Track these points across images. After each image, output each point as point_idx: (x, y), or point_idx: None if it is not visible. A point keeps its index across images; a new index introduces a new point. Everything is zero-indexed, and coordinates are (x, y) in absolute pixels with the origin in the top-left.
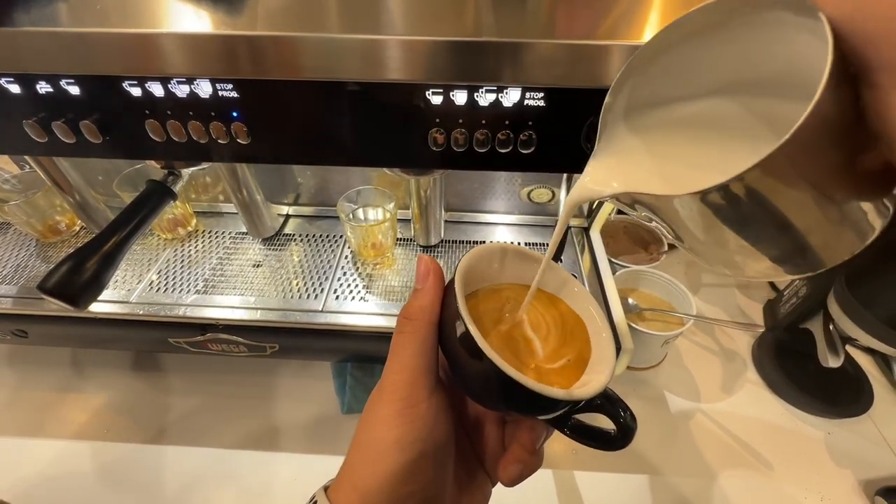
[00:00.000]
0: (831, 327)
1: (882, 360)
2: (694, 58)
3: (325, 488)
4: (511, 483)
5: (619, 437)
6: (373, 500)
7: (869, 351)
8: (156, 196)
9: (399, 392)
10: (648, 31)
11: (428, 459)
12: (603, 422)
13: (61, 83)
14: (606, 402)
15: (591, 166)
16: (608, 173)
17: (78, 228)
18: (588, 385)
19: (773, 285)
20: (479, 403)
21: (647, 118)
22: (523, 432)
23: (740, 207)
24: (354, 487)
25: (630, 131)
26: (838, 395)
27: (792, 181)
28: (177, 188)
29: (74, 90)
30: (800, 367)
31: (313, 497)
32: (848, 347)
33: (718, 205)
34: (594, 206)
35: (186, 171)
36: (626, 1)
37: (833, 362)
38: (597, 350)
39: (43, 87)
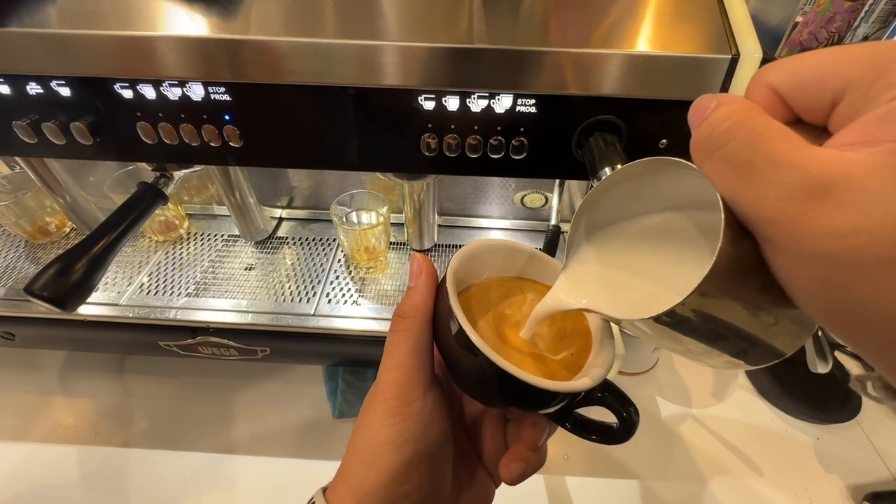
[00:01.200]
0: (820, 333)
1: (870, 366)
2: (636, 192)
3: (324, 490)
4: (513, 482)
5: (621, 431)
6: (368, 501)
7: (858, 357)
8: (147, 198)
9: (392, 391)
10: (639, 40)
11: (423, 459)
12: (607, 416)
13: (52, 85)
14: (607, 394)
15: (562, 282)
16: (577, 289)
17: (68, 230)
18: (586, 377)
19: None
20: (478, 400)
21: (606, 237)
22: (525, 429)
23: (688, 323)
24: (350, 488)
25: (593, 251)
26: (827, 400)
27: (724, 303)
28: (168, 190)
29: (65, 92)
30: (790, 373)
31: (311, 499)
32: (837, 353)
33: (667, 322)
34: None
35: (178, 174)
36: (616, 11)
37: (822, 368)
38: (597, 343)
39: (33, 89)
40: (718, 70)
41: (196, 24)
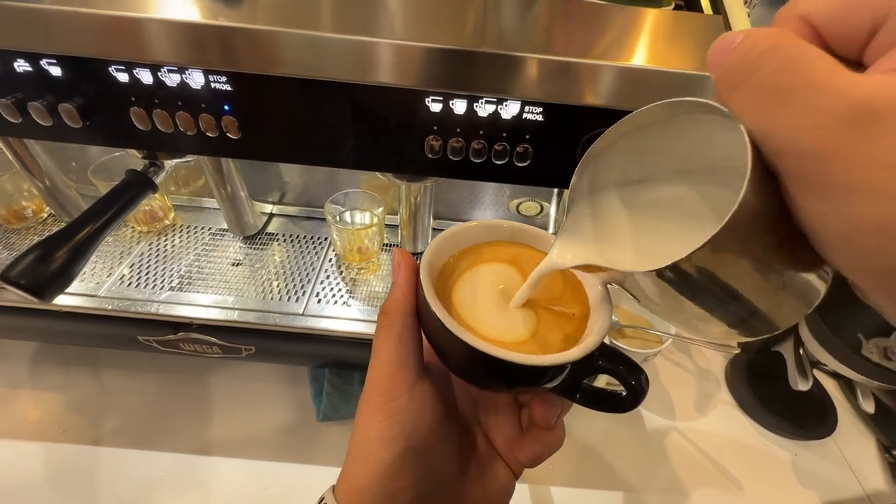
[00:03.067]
0: (801, 351)
1: (847, 385)
2: (645, 147)
3: (333, 487)
4: (530, 463)
5: (628, 398)
6: (365, 498)
7: (835, 375)
8: (135, 187)
9: (378, 387)
10: (646, 54)
11: (416, 454)
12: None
13: (42, 63)
14: (611, 362)
15: (562, 240)
16: (578, 246)
17: (46, 215)
18: (580, 346)
19: None
20: (477, 386)
21: (611, 198)
22: (535, 408)
23: (690, 282)
24: (350, 486)
25: (596, 210)
26: (805, 417)
27: (735, 259)
28: (158, 180)
29: (55, 71)
30: (770, 389)
31: (322, 497)
32: (815, 371)
33: (671, 279)
34: None
35: (169, 163)
36: (621, 24)
37: (802, 385)
38: (594, 311)
39: (21, 66)
40: None
41: (199, 10)
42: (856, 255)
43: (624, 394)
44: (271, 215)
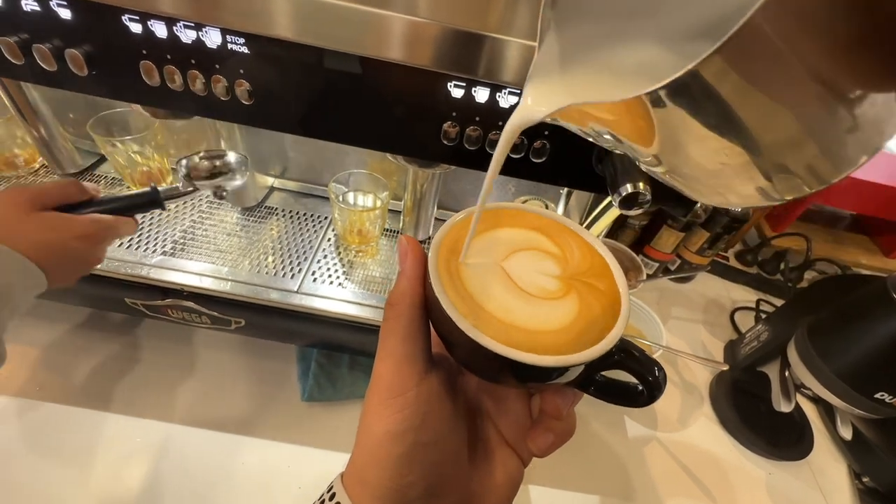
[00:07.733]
0: (787, 373)
1: (825, 411)
2: None
3: (342, 475)
4: (542, 453)
5: (644, 393)
6: (375, 492)
7: (815, 400)
8: (146, 201)
9: (384, 381)
10: None
11: (425, 447)
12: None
13: (52, 4)
14: (624, 357)
15: (532, 84)
16: (551, 87)
17: (38, 166)
18: (598, 345)
19: (735, 327)
20: (487, 381)
21: (584, 25)
22: (546, 398)
23: (715, 99)
24: (359, 479)
25: (569, 40)
26: (782, 438)
27: (774, 63)
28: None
29: (66, 14)
30: (752, 408)
31: (331, 485)
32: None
33: (684, 100)
34: (587, 219)
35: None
36: None
37: (785, 407)
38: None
39: (29, 4)
40: None
41: None
42: None
43: (640, 388)
44: (272, 189)
